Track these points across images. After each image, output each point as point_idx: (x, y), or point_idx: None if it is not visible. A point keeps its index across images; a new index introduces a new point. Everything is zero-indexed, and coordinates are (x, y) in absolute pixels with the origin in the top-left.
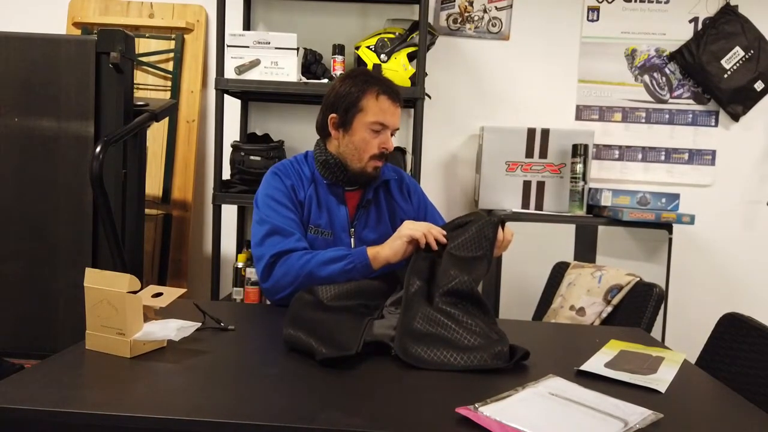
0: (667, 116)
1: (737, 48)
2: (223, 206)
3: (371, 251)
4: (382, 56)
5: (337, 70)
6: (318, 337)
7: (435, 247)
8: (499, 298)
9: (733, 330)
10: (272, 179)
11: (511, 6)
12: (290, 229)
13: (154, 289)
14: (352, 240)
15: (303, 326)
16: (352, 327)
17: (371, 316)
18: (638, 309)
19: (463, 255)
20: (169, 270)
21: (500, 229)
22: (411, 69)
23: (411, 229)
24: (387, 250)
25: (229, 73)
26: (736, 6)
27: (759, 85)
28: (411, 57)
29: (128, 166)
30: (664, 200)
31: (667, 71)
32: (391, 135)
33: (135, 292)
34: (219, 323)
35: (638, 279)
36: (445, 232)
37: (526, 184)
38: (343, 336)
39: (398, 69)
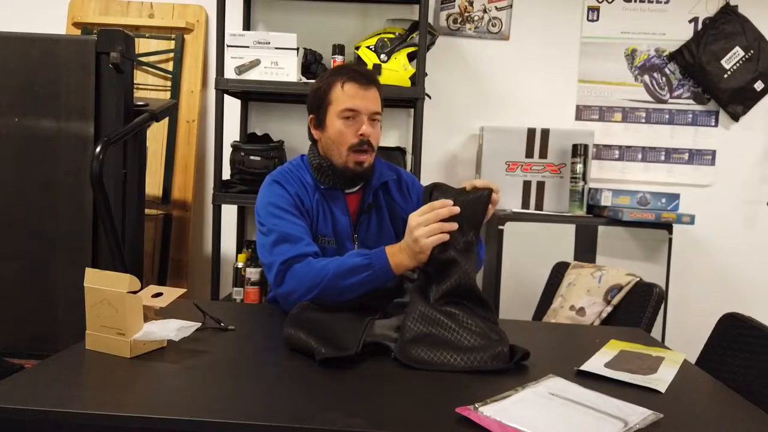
0: (667, 116)
1: (737, 48)
2: (223, 206)
3: (393, 260)
4: (382, 56)
5: None
6: (317, 337)
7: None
8: (499, 298)
9: (733, 330)
10: (273, 188)
11: (511, 6)
12: (298, 234)
13: (154, 289)
14: (356, 246)
15: (303, 326)
16: (352, 327)
17: (373, 315)
18: (638, 309)
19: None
20: (169, 270)
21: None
22: (411, 69)
23: (425, 235)
24: (410, 261)
25: (229, 73)
26: (736, 6)
27: (759, 85)
28: (411, 57)
29: (128, 166)
30: (664, 200)
31: (667, 71)
32: (374, 120)
33: (135, 292)
34: (219, 323)
35: (638, 279)
36: (452, 205)
37: (526, 184)
38: (343, 336)
39: (398, 69)
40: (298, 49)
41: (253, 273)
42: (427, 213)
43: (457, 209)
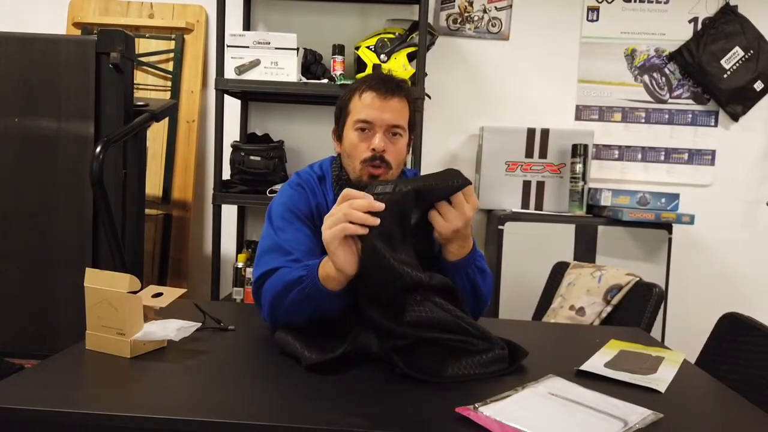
0: (666, 116)
1: (737, 48)
2: (223, 206)
3: (321, 272)
4: (382, 56)
5: (337, 71)
6: (304, 341)
7: (375, 222)
8: (499, 298)
9: (733, 330)
10: (295, 192)
11: (510, 6)
12: (290, 247)
13: (154, 289)
14: None
15: (293, 329)
16: (342, 332)
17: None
18: (638, 309)
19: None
20: (169, 270)
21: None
22: (411, 69)
23: (326, 227)
24: (332, 270)
25: (229, 74)
26: (736, 6)
27: (758, 85)
28: (411, 57)
29: (128, 166)
30: (663, 200)
31: (667, 71)
32: (394, 135)
33: (135, 292)
34: (219, 323)
35: (638, 279)
36: (374, 203)
37: (526, 184)
38: (333, 340)
39: (398, 69)
40: (298, 49)
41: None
42: (339, 204)
43: (378, 205)
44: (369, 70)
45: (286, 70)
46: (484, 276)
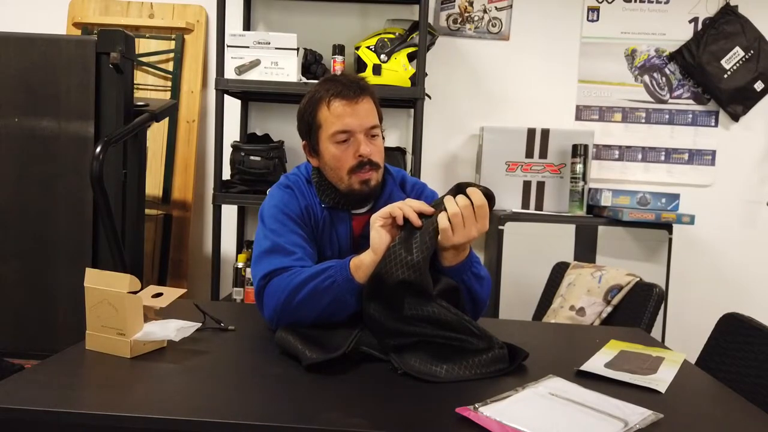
0: (667, 116)
1: (737, 48)
2: (223, 206)
3: (355, 260)
4: (382, 56)
5: (337, 71)
6: (306, 341)
7: (417, 222)
8: (499, 298)
9: (733, 330)
10: (285, 194)
11: (511, 6)
12: (292, 248)
13: (154, 289)
14: None
15: (295, 329)
16: (344, 333)
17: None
18: (638, 309)
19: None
20: (169, 270)
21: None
22: (411, 69)
23: (380, 211)
24: (368, 252)
25: (229, 74)
26: (736, 6)
27: (759, 85)
28: (411, 57)
29: (128, 166)
30: (664, 200)
31: (667, 71)
32: (372, 136)
33: (135, 293)
34: (219, 323)
35: (638, 279)
36: (425, 206)
37: (526, 184)
38: (334, 340)
39: (398, 69)
40: (298, 49)
41: None
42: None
43: (429, 209)
44: (369, 71)
45: (287, 70)
46: (480, 281)
